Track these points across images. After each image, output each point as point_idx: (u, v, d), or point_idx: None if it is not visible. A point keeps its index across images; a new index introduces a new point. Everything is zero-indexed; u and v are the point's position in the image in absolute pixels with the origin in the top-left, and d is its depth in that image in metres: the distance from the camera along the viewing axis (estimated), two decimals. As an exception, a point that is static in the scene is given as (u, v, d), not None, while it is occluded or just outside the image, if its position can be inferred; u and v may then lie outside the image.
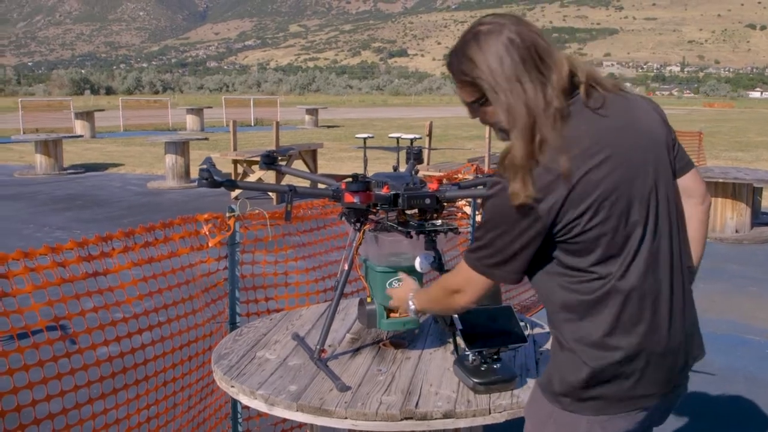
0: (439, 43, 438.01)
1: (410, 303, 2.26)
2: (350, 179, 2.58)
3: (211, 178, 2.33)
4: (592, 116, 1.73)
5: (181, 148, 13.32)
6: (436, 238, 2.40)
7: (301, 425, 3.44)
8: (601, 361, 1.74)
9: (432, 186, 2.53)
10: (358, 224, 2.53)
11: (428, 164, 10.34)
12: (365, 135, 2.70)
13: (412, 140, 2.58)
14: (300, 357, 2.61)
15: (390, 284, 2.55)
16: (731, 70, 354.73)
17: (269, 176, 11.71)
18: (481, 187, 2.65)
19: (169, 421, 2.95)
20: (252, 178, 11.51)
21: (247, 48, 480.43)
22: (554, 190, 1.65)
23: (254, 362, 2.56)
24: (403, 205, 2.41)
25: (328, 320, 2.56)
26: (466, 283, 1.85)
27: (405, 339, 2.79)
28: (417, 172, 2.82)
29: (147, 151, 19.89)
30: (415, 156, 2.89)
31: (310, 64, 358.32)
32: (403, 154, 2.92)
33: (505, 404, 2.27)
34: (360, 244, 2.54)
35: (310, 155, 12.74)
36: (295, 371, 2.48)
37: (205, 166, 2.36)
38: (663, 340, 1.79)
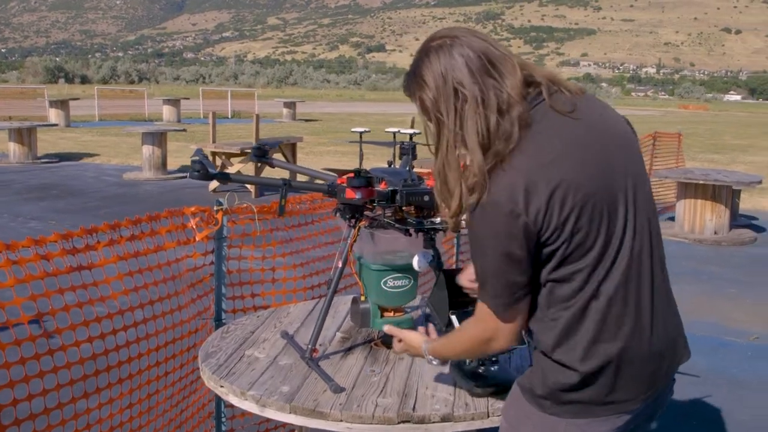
0: (417, 39, 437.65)
1: (426, 354, 2.07)
2: (350, 175, 2.52)
3: (203, 170, 2.25)
4: (562, 119, 1.69)
5: (158, 139, 13.15)
6: (435, 236, 2.34)
7: (285, 425, 3.37)
8: (584, 367, 1.71)
9: (430, 182, 2.46)
10: (354, 221, 2.47)
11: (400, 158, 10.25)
12: (361, 129, 2.63)
13: (411, 135, 2.51)
14: (290, 356, 2.54)
15: (385, 283, 2.48)
16: (706, 73, 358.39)
17: (247, 169, 11.59)
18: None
19: (152, 420, 2.87)
20: (231, 170, 11.37)
21: (225, 40, 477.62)
22: (534, 196, 1.61)
23: (243, 361, 2.49)
24: (401, 202, 2.34)
25: (320, 319, 2.49)
26: (495, 325, 1.77)
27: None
28: (412, 168, 2.76)
29: (123, 142, 19.65)
30: (405, 151, 2.82)
31: (288, 57, 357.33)
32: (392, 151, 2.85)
33: (502, 407, 2.22)
34: (355, 241, 2.47)
35: (289, 149, 12.63)
36: (286, 371, 2.41)
37: (197, 158, 2.28)
38: (646, 344, 1.76)
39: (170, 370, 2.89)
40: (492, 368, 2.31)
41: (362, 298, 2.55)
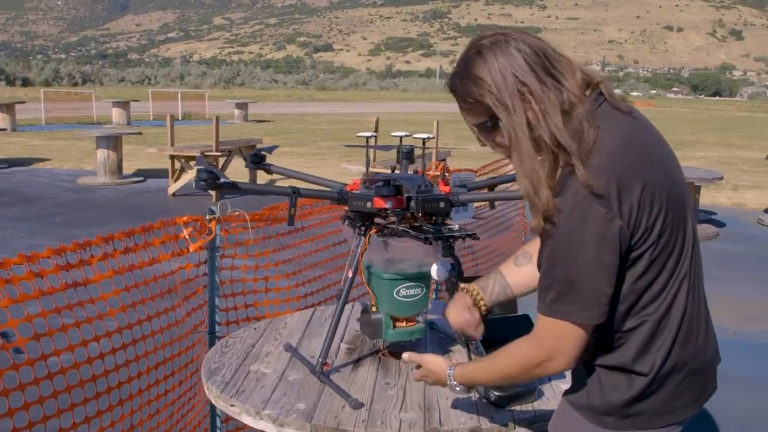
0: (364, 39, 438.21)
1: (451, 380, 1.89)
2: (357, 181, 2.42)
3: (211, 179, 2.14)
4: (628, 119, 1.64)
5: (113, 142, 12.83)
6: (454, 243, 2.25)
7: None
8: (655, 373, 1.66)
9: (442, 188, 2.39)
10: (364, 229, 2.37)
11: (374, 160, 10.18)
12: (368, 134, 2.53)
13: (424, 140, 2.42)
14: (299, 370, 2.44)
15: (397, 292, 2.40)
16: (649, 70, 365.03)
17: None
18: (488, 189, 2.52)
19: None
20: (191, 174, 11.15)
21: (170, 40, 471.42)
22: (626, 197, 1.53)
23: (251, 377, 2.38)
24: (416, 209, 2.26)
25: (330, 330, 2.40)
26: (560, 344, 1.59)
27: (405, 348, 2.64)
28: (416, 172, 2.68)
29: (73, 146, 19.17)
30: (407, 155, 2.73)
31: (235, 57, 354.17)
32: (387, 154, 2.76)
33: (528, 418, 2.16)
34: (365, 249, 2.37)
35: (248, 151, 12.42)
36: (298, 387, 2.31)
37: (202, 167, 2.16)
38: (704, 353, 1.73)
39: (170, 388, 2.76)
40: (513, 378, 2.25)
41: (373, 308, 2.45)
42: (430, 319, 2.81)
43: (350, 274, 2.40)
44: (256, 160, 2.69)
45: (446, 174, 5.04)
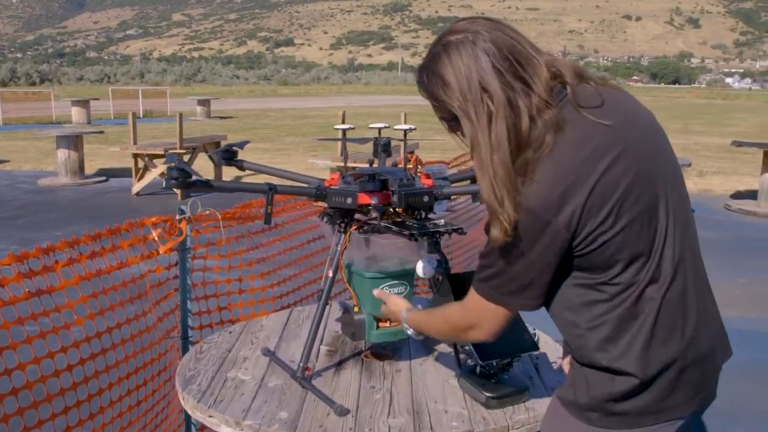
0: (325, 33, 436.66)
1: (404, 321, 2.07)
2: (334, 176, 2.31)
3: (182, 176, 2.01)
4: (591, 114, 1.55)
5: (74, 142, 12.54)
6: (440, 239, 2.15)
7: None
8: (643, 372, 1.58)
9: (425, 182, 2.28)
10: (344, 225, 2.27)
11: (340, 155, 10.04)
12: (345, 126, 2.42)
13: (405, 131, 2.32)
14: (279, 376, 2.33)
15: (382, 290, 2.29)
16: (609, 59, 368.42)
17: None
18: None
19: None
20: (155, 173, 10.94)
21: (129, 38, 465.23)
22: (570, 199, 1.48)
23: (228, 385, 2.26)
24: (399, 204, 2.16)
25: (311, 334, 2.29)
26: (481, 317, 1.68)
27: (387, 349, 2.54)
28: (397, 165, 2.58)
29: (32, 146, 18.76)
30: (384, 148, 2.62)
31: (195, 54, 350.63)
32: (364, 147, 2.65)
33: (522, 419, 2.07)
34: (346, 247, 2.27)
35: (213, 148, 12.21)
36: (279, 394, 2.20)
37: (173, 164, 2.03)
38: (696, 346, 1.65)
39: (142, 398, 2.62)
40: (504, 377, 2.17)
41: (355, 309, 2.35)
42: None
43: (330, 274, 2.29)
44: (228, 156, 2.56)
45: (419, 166, 4.95)
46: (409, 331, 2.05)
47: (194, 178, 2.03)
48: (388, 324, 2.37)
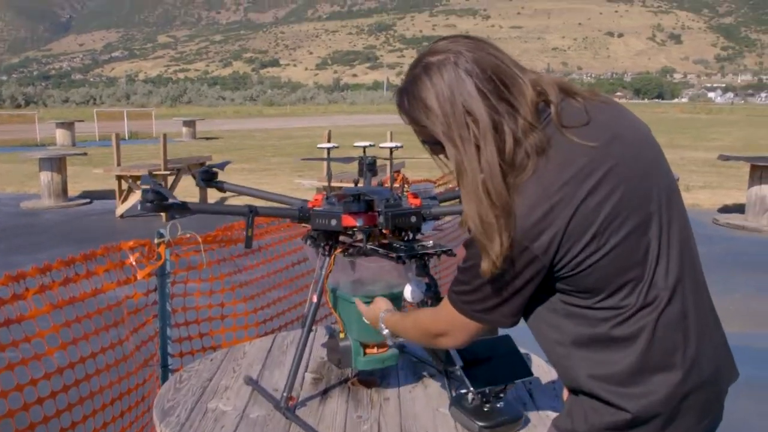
0: (311, 53, 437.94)
1: (381, 321, 1.99)
2: (318, 197, 2.22)
3: (158, 199, 1.91)
4: (576, 134, 1.46)
5: (57, 164, 12.40)
6: (429, 262, 2.06)
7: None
8: (634, 405, 1.50)
9: (412, 201, 2.19)
10: (329, 248, 2.17)
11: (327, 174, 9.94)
12: (329, 145, 2.33)
13: (391, 149, 2.23)
14: (261, 406, 2.22)
15: (366, 314, 2.20)
16: (593, 75, 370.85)
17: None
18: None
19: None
20: (139, 195, 10.80)
21: (114, 60, 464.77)
22: (548, 225, 1.40)
23: (209, 417, 2.15)
24: (386, 225, 2.06)
25: (295, 362, 2.19)
26: (451, 327, 1.63)
27: (375, 375, 2.44)
28: (383, 184, 2.49)
29: (16, 169, 18.57)
30: (370, 167, 2.53)
31: (181, 75, 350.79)
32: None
33: (533, 452, 1.97)
34: (330, 271, 2.17)
35: (198, 168, 12.09)
36: (261, 426, 2.09)
37: (148, 187, 1.93)
38: (698, 370, 1.54)
39: (119, 430, 2.50)
40: (498, 405, 2.07)
41: (341, 335, 2.25)
42: (399, 341, 2.61)
43: (314, 299, 2.19)
44: (207, 177, 2.47)
45: (405, 185, 4.87)
46: (385, 332, 1.98)
47: (170, 200, 1.93)
48: (375, 350, 2.27)
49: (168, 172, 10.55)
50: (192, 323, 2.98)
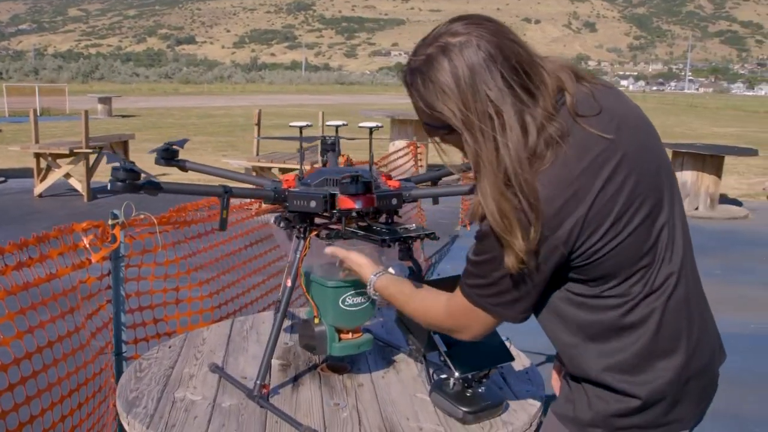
0: (228, 31, 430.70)
1: (371, 286, 1.87)
2: (289, 176, 2.14)
3: (131, 179, 1.80)
4: (590, 124, 1.44)
5: (-32, 141, 11.85)
6: (413, 245, 2.00)
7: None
8: (643, 390, 1.50)
9: (391, 183, 2.13)
10: (303, 231, 2.09)
11: (257, 155, 9.78)
12: (301, 123, 2.24)
13: (371, 129, 2.15)
14: (232, 395, 2.14)
15: (343, 301, 2.13)
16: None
17: (78, 171, 10.64)
18: (442, 181, 2.29)
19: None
20: (59, 173, 10.41)
21: (22, 32, 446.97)
22: (571, 213, 1.37)
23: (178, 407, 2.06)
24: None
25: (269, 348, 2.10)
26: (467, 321, 1.58)
27: (344, 361, 2.38)
28: (351, 163, 2.42)
29: None
30: (332, 147, 2.46)
31: (93, 50, 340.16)
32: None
33: (501, 436, 1.94)
34: (305, 254, 2.10)
35: (121, 147, 11.73)
36: (236, 416, 2.01)
37: (118, 164, 1.81)
38: (699, 355, 1.57)
39: (77, 423, 2.37)
40: (479, 390, 2.04)
41: (316, 321, 2.18)
42: (366, 325, 2.55)
43: (289, 283, 2.11)
44: (168, 155, 2.35)
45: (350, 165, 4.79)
46: (375, 296, 1.89)
47: (143, 178, 1.82)
48: (350, 336, 2.21)
49: (90, 150, 10.18)
50: (146, 308, 2.85)
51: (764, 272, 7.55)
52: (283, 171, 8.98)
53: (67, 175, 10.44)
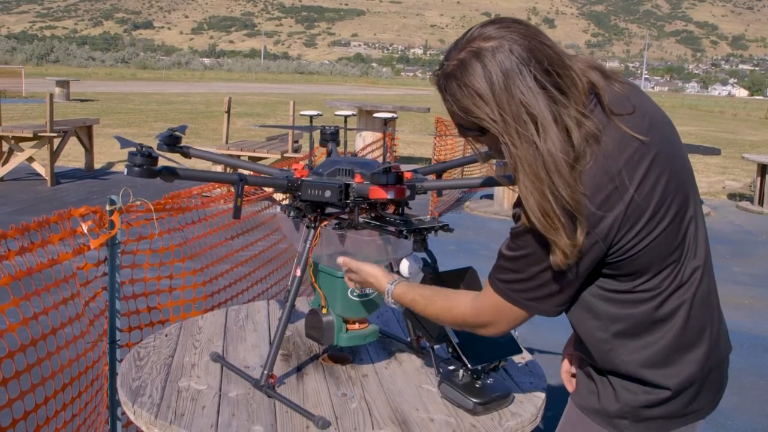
0: (186, 17, 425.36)
1: (389, 296, 1.86)
2: (298, 166, 2.13)
3: (147, 164, 1.77)
4: (624, 122, 1.47)
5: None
6: (427, 237, 2.00)
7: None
8: (672, 381, 1.55)
9: (405, 174, 2.13)
10: (314, 221, 2.09)
11: (227, 143, 9.69)
12: (312, 112, 2.23)
13: (346, 117, 2.15)
14: (238, 385, 2.13)
15: (351, 291, 2.13)
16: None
17: (41, 155, 10.44)
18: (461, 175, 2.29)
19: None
20: (22, 156, 10.20)
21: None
22: (611, 209, 1.40)
23: (184, 397, 2.04)
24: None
25: (278, 338, 2.09)
26: (496, 316, 1.58)
27: (345, 351, 2.38)
28: (355, 155, 2.41)
29: None
30: (333, 137, 2.46)
31: (48, 32, 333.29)
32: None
33: (512, 425, 1.97)
34: (315, 244, 2.09)
35: (86, 132, 11.51)
36: (245, 405, 2.00)
37: (135, 149, 1.78)
38: (718, 347, 1.63)
39: (76, 412, 2.33)
40: (488, 381, 2.06)
41: (324, 311, 2.17)
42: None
43: (298, 273, 2.10)
44: (171, 141, 2.31)
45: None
46: (394, 305, 1.87)
47: (161, 165, 1.80)
48: (357, 326, 2.21)
49: (55, 134, 9.99)
50: (140, 296, 2.81)
51: (726, 269, 7.71)
52: (253, 159, 8.92)
53: (30, 159, 10.24)
